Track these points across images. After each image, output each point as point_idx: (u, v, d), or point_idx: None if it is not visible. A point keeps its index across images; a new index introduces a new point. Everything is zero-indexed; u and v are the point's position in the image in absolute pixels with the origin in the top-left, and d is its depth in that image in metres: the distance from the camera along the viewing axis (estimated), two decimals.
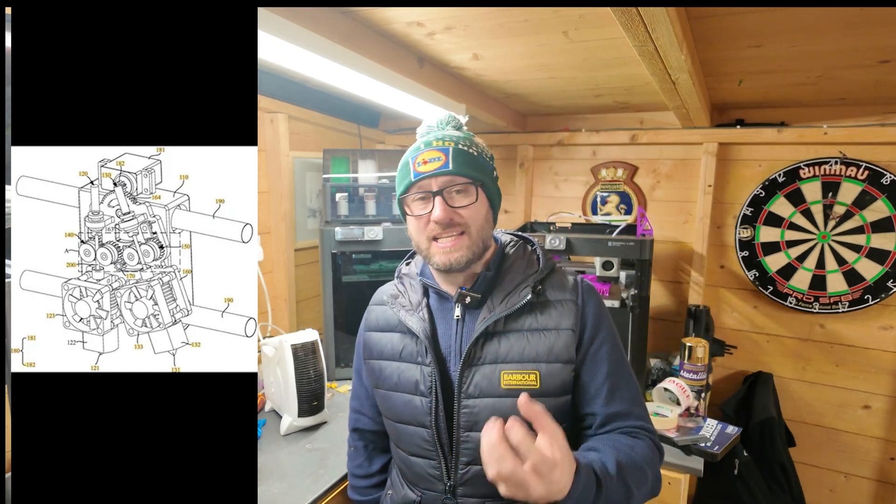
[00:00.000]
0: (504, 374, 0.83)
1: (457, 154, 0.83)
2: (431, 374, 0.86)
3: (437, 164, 0.83)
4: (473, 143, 0.87)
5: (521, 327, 0.85)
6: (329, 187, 1.88)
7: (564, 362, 0.84)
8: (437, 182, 0.83)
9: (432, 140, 0.85)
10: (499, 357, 0.84)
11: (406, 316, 0.90)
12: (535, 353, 0.83)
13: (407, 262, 1.03)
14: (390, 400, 0.92)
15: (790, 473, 1.92)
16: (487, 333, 0.85)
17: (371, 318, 1.00)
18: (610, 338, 0.88)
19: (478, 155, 0.86)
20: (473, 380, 0.84)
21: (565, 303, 0.87)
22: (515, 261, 0.91)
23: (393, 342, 0.93)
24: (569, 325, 0.85)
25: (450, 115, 0.92)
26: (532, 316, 0.85)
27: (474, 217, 0.84)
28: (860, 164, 1.85)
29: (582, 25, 1.14)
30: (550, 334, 0.84)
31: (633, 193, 2.25)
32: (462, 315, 0.89)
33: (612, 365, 0.86)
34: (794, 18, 1.07)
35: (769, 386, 2.04)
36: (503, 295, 0.86)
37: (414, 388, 0.88)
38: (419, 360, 0.88)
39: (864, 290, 1.91)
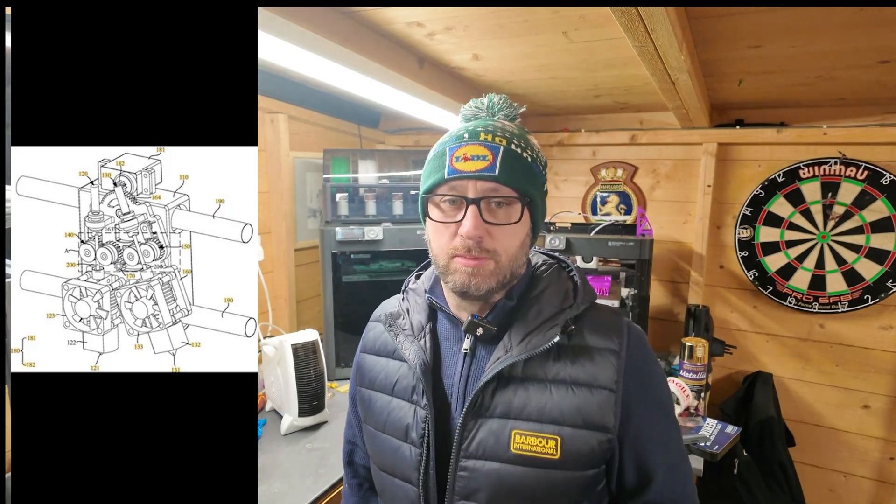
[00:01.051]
0: (516, 435, 0.66)
1: (508, 157, 0.66)
2: (426, 419, 0.69)
3: (481, 163, 0.65)
4: (529, 143, 0.70)
5: (543, 376, 0.67)
6: (329, 187, 1.88)
7: (596, 429, 0.65)
8: (477, 187, 0.65)
9: (480, 131, 0.67)
10: (511, 411, 0.66)
11: (404, 342, 0.74)
12: (558, 413, 0.65)
13: (417, 274, 0.85)
14: (376, 442, 0.76)
15: (790, 473, 1.92)
16: (501, 378, 0.68)
17: (368, 338, 0.85)
18: (664, 406, 0.71)
19: (532, 161, 0.68)
20: (477, 435, 0.67)
21: (605, 353, 0.68)
22: (546, 289, 0.72)
23: (387, 371, 0.77)
24: (607, 381, 0.66)
25: (505, 98, 0.73)
26: (561, 363, 0.67)
27: (509, 241, 0.67)
28: (860, 165, 1.86)
29: (582, 26, 1.14)
30: (581, 391, 0.66)
31: (633, 193, 2.25)
32: (472, 349, 0.72)
33: (666, 444, 0.70)
34: (794, 18, 1.07)
35: (769, 386, 2.04)
36: (525, 332, 0.68)
37: (404, 432, 0.72)
38: (413, 399, 0.72)
39: (864, 289, 1.91)
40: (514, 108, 0.73)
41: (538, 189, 0.70)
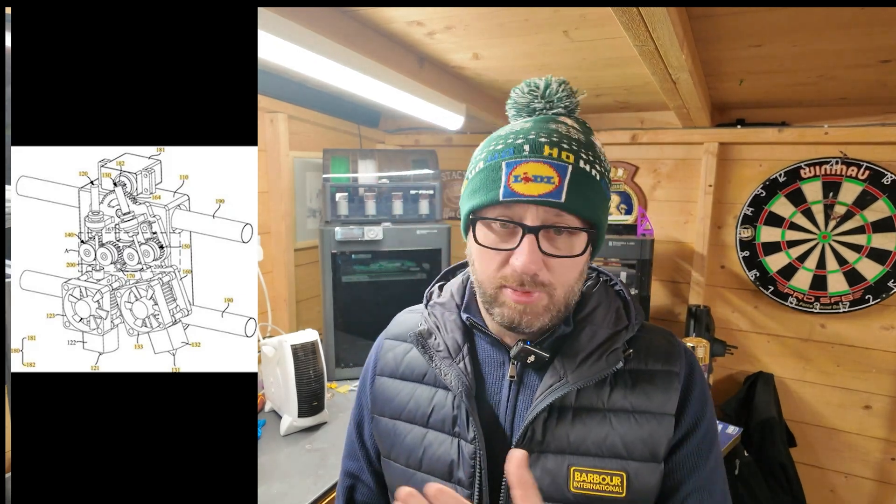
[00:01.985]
0: (575, 472, 0.59)
1: (577, 178, 0.56)
2: (475, 455, 0.61)
3: (545, 186, 0.54)
4: (597, 154, 0.60)
5: (601, 406, 0.60)
6: (329, 187, 1.88)
7: (661, 461, 0.60)
8: (538, 214, 0.56)
9: (544, 143, 0.56)
10: (569, 446, 0.59)
11: (442, 364, 0.65)
12: (622, 446, 0.59)
13: (439, 284, 0.74)
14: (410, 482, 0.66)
15: (791, 474, 1.92)
16: (552, 408, 0.61)
17: (387, 359, 0.73)
18: (715, 434, 0.64)
19: (601, 178, 0.59)
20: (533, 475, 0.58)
21: (666, 376, 0.61)
22: (596, 308, 0.65)
23: (417, 399, 0.67)
24: (671, 408, 0.60)
25: (564, 83, 0.62)
26: (619, 391, 0.61)
27: (568, 274, 0.59)
28: (861, 164, 1.85)
29: (582, 25, 1.14)
30: (646, 420, 0.59)
31: (634, 193, 2.24)
32: (520, 376, 0.64)
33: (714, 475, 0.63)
34: (795, 18, 1.06)
35: (770, 386, 2.04)
36: (580, 357, 0.61)
37: (447, 471, 0.63)
38: (456, 432, 0.63)
39: (865, 290, 1.90)
40: (574, 99, 0.62)
41: (606, 212, 0.61)
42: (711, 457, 0.63)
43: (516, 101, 0.63)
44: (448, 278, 0.75)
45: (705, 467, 0.62)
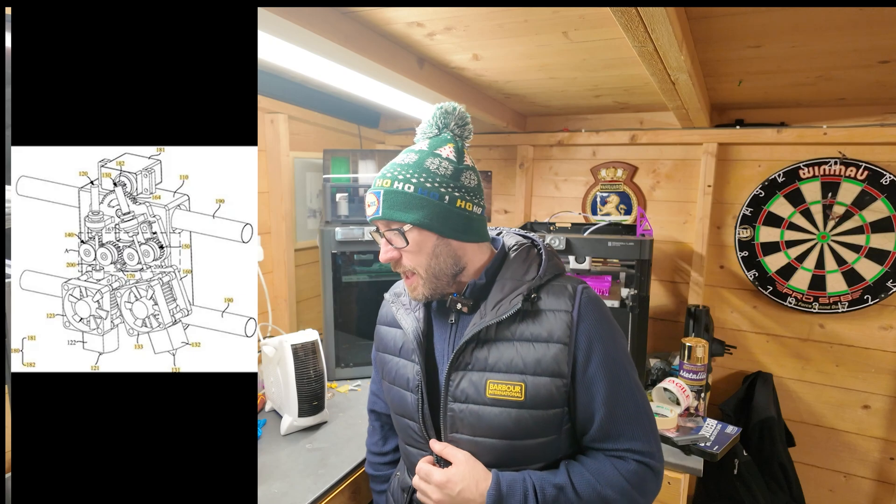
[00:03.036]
0: (490, 383, 0.83)
1: (388, 196, 0.82)
2: (418, 373, 0.89)
3: (372, 209, 0.84)
4: (421, 169, 0.83)
5: (511, 336, 0.84)
6: (329, 187, 1.88)
7: (552, 376, 0.81)
8: (379, 226, 0.86)
9: (378, 179, 0.85)
10: (487, 365, 0.84)
11: (403, 314, 0.94)
12: (522, 364, 0.82)
13: None
14: (390, 392, 0.97)
15: (790, 473, 1.92)
16: (479, 340, 0.85)
17: (382, 312, 1.05)
18: (608, 356, 0.83)
19: (416, 188, 0.82)
20: (460, 385, 0.85)
21: (559, 314, 0.83)
22: (512, 266, 0.89)
23: (395, 338, 0.97)
24: (560, 337, 0.82)
25: (431, 121, 0.89)
26: (524, 325, 0.83)
27: (416, 259, 0.84)
28: (860, 165, 1.86)
29: (582, 26, 1.14)
30: (540, 346, 0.82)
31: (633, 194, 2.25)
32: (457, 320, 0.90)
33: (608, 386, 0.82)
34: (794, 18, 1.07)
35: (769, 386, 2.04)
36: (495, 302, 0.85)
37: (406, 383, 0.92)
38: (412, 359, 0.91)
39: (864, 290, 1.91)
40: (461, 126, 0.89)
41: (423, 207, 0.82)
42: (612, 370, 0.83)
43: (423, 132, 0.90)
44: None
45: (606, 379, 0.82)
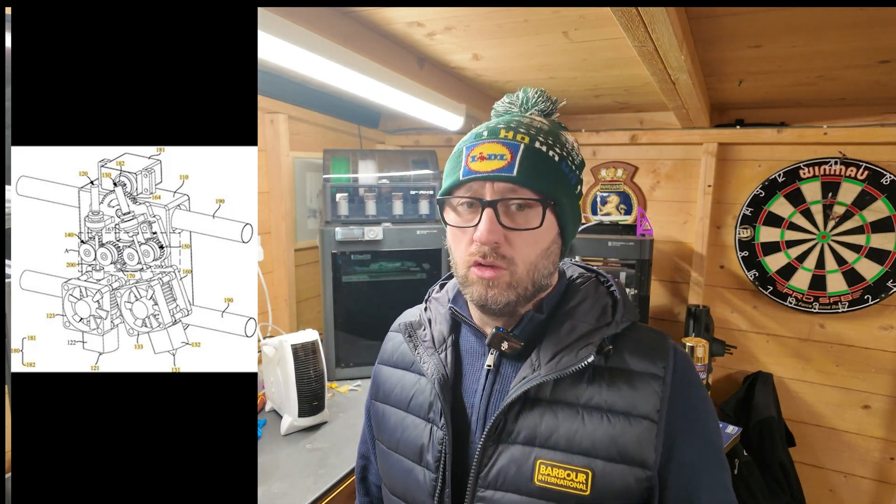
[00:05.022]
0: (540, 465, 0.59)
1: (529, 155, 0.60)
2: (443, 441, 0.63)
3: (497, 163, 0.59)
4: (560, 140, 0.63)
5: (575, 401, 0.60)
6: (329, 187, 1.88)
7: (632, 464, 0.58)
8: (493, 189, 0.60)
9: (501, 128, 0.61)
10: (537, 438, 0.60)
11: (423, 354, 0.68)
12: (589, 443, 0.58)
13: (442, 283, 0.79)
14: (388, 461, 0.71)
15: (790, 473, 1.92)
16: (527, 400, 0.61)
17: (387, 349, 0.79)
18: (710, 442, 0.62)
19: (560, 160, 0.62)
20: (498, 463, 0.61)
21: (645, 378, 0.60)
22: (581, 303, 0.65)
23: (403, 385, 0.72)
24: (648, 410, 0.59)
25: (541, 92, 0.67)
26: (595, 387, 0.60)
27: (529, 249, 0.61)
28: (860, 165, 1.86)
29: (582, 25, 1.14)
30: (618, 420, 0.59)
31: (633, 193, 2.25)
32: (496, 366, 0.65)
33: (713, 485, 0.62)
34: (795, 18, 1.07)
35: (769, 386, 2.04)
36: (556, 349, 0.62)
37: (418, 454, 0.66)
38: (430, 418, 0.66)
39: (864, 290, 1.91)
40: (550, 102, 0.67)
41: (567, 191, 0.62)
42: (720, 464, 0.62)
43: (496, 111, 0.70)
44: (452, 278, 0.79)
45: (708, 474, 0.61)
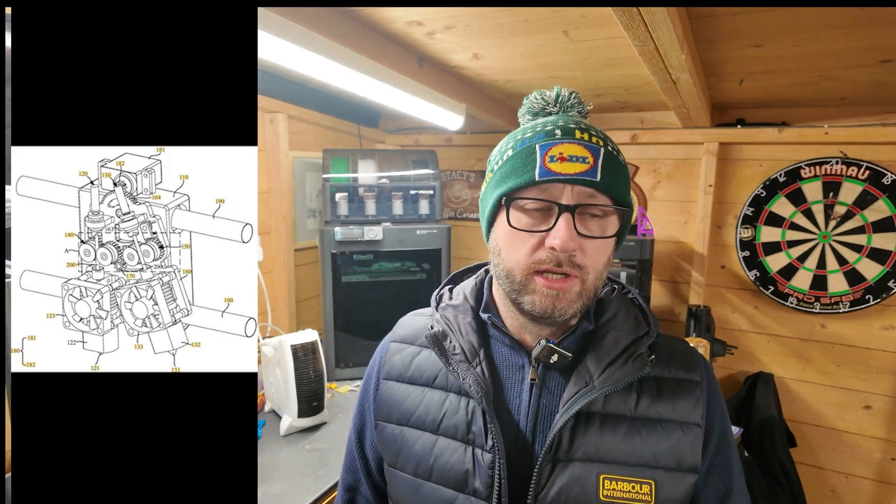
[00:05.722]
0: (605, 480, 0.57)
1: (609, 160, 0.57)
2: (494, 464, 0.58)
3: (581, 166, 0.55)
4: (618, 148, 0.62)
5: (628, 413, 0.59)
6: (329, 187, 1.88)
7: (688, 471, 0.58)
8: (575, 193, 0.56)
9: (574, 128, 0.58)
10: (598, 453, 0.58)
11: (458, 367, 0.62)
12: (650, 455, 0.58)
13: (449, 287, 0.73)
14: (417, 493, 0.63)
15: (791, 474, 1.91)
16: (580, 415, 0.59)
17: (393, 362, 0.70)
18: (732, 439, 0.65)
19: (625, 166, 0.61)
20: (557, 482, 0.57)
21: (689, 385, 0.61)
22: (617, 314, 0.64)
23: (428, 404, 0.64)
24: (695, 418, 0.60)
25: (575, 93, 0.64)
26: (645, 399, 0.60)
27: (601, 257, 0.58)
28: (861, 164, 1.85)
29: (582, 25, 1.14)
30: (673, 429, 0.59)
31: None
32: (541, 379, 0.62)
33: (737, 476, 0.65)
34: (795, 18, 1.06)
35: (770, 386, 2.04)
36: (606, 361, 0.60)
37: (461, 481, 0.60)
38: (470, 439, 0.60)
39: (865, 290, 1.90)
40: (583, 106, 0.65)
41: (629, 195, 0.61)
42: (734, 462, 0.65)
43: (531, 108, 0.65)
44: (456, 282, 0.73)
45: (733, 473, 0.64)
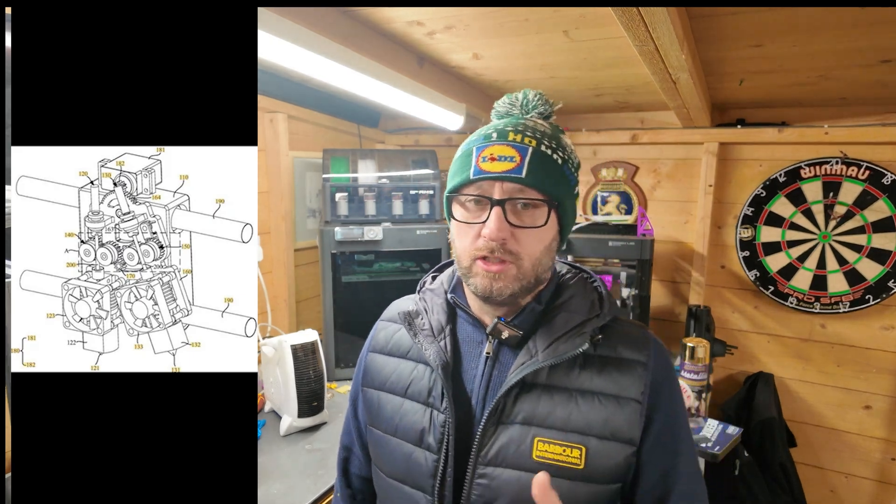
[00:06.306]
0: (539, 443, 0.64)
1: (536, 158, 0.64)
2: (445, 423, 0.67)
3: (508, 164, 0.63)
4: (561, 144, 0.68)
5: (569, 385, 0.66)
6: (329, 187, 1.88)
7: (622, 442, 0.64)
8: (502, 188, 0.64)
9: (509, 130, 0.66)
10: (535, 418, 0.65)
11: (424, 341, 0.72)
12: (584, 423, 0.64)
13: (433, 275, 0.83)
14: (385, 447, 0.73)
15: (791, 474, 1.92)
16: (524, 384, 0.66)
17: (379, 338, 0.81)
18: (684, 420, 0.70)
19: (563, 163, 0.67)
20: (498, 442, 0.65)
21: (633, 364, 0.67)
22: (572, 298, 0.71)
23: (400, 372, 0.75)
24: (635, 394, 0.66)
25: (540, 95, 0.71)
26: (587, 373, 0.67)
27: (534, 245, 0.66)
28: (861, 164, 1.85)
29: (582, 25, 1.14)
30: (609, 402, 0.65)
31: (634, 193, 2.24)
32: (495, 353, 0.70)
33: (685, 453, 0.69)
34: (795, 18, 1.07)
35: (770, 386, 2.04)
36: (551, 338, 0.67)
37: (418, 437, 0.69)
38: (429, 402, 0.70)
39: (865, 290, 1.90)
40: (549, 105, 0.71)
41: (568, 192, 0.68)
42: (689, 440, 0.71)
43: (498, 111, 0.73)
44: (442, 270, 0.83)
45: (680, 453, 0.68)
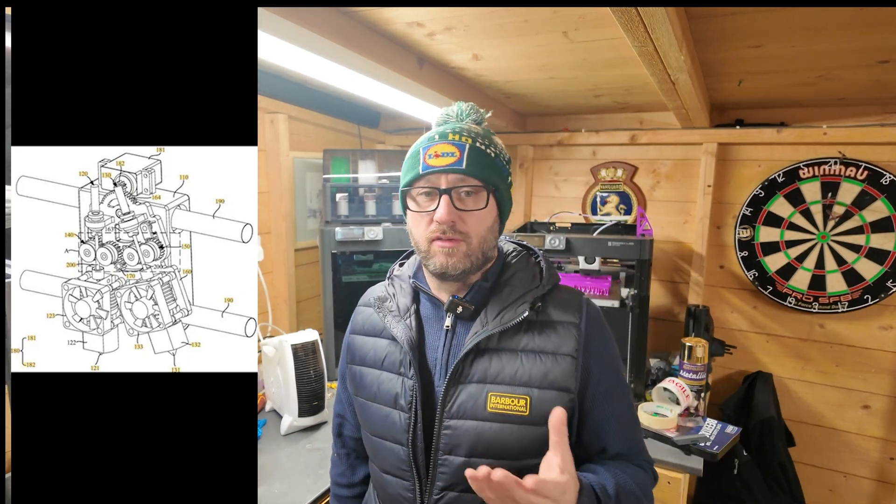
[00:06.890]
0: (492, 396, 0.77)
1: (473, 152, 0.77)
2: (413, 388, 0.80)
3: (449, 159, 0.76)
4: (493, 142, 0.81)
5: (515, 346, 0.79)
6: (329, 187, 1.88)
7: (560, 390, 0.77)
8: (447, 179, 0.77)
9: (448, 132, 0.79)
10: (488, 377, 0.78)
11: (392, 322, 0.84)
12: (527, 377, 0.77)
13: (401, 262, 0.97)
14: (368, 411, 0.86)
15: (790, 473, 1.92)
16: (478, 350, 0.79)
17: (357, 321, 0.95)
18: (615, 369, 0.83)
19: (495, 157, 0.80)
20: (458, 399, 0.78)
21: (567, 325, 0.80)
22: (516, 273, 0.84)
23: (376, 348, 0.87)
24: (569, 350, 0.78)
25: (472, 105, 0.85)
26: (529, 336, 0.79)
27: (479, 225, 0.78)
28: (859, 165, 1.86)
29: (582, 25, 1.14)
30: (547, 358, 0.78)
31: (633, 193, 2.25)
32: (453, 326, 0.83)
33: (619, 400, 0.82)
34: (794, 18, 1.07)
35: (769, 386, 2.04)
36: (499, 309, 0.80)
37: (393, 401, 0.82)
38: (401, 372, 0.82)
39: (864, 290, 1.91)
40: (480, 114, 0.84)
41: (502, 180, 0.80)
42: (621, 384, 0.84)
43: (438, 121, 0.85)
44: (409, 258, 0.97)
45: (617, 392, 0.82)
